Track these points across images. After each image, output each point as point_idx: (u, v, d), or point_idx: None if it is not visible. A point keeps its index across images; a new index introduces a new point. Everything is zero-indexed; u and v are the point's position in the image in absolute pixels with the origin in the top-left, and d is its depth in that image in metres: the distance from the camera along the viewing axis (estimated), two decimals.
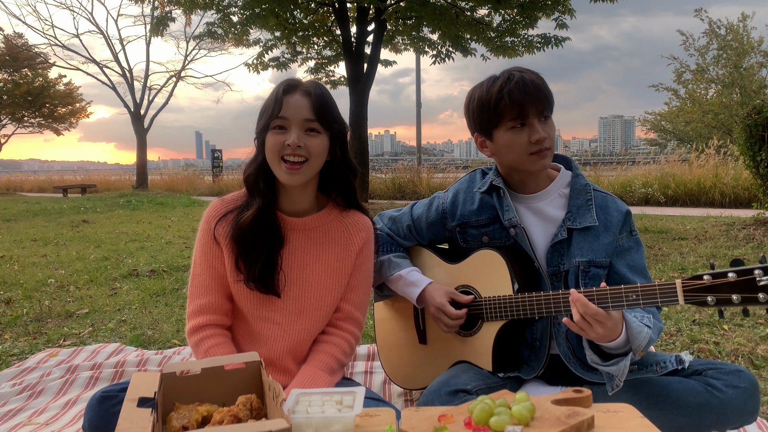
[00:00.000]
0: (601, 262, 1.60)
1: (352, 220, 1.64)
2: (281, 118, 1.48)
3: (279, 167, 1.49)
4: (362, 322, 1.66)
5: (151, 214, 10.82)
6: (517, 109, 1.54)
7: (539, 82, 1.56)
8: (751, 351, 2.58)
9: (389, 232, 1.91)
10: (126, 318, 3.57)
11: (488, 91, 1.58)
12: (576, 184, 1.66)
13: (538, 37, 11.05)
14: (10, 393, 2.30)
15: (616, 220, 1.62)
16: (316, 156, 1.50)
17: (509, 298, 1.59)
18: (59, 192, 19.07)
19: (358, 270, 1.63)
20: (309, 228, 1.60)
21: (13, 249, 6.63)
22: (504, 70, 1.62)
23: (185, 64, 22.45)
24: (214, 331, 1.54)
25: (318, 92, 1.50)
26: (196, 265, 1.59)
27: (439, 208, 1.81)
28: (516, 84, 1.54)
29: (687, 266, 4.53)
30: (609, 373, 1.47)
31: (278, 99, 1.48)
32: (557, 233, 1.62)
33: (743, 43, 22.01)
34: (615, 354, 1.47)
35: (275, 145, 1.48)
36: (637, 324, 1.44)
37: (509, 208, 1.65)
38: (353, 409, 1.05)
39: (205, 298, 1.55)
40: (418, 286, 1.74)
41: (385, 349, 2.00)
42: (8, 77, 22.17)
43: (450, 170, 17.12)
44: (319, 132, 1.50)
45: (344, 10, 10.85)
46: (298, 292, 1.57)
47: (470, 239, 1.75)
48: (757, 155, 5.96)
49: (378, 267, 1.82)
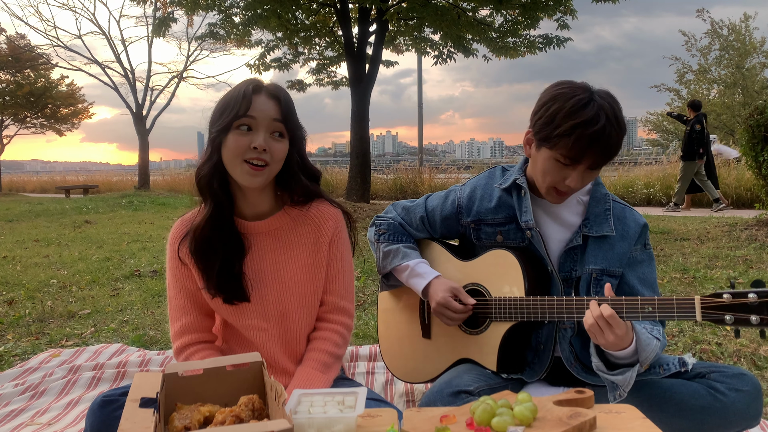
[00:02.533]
0: (614, 271, 1.60)
1: (317, 212, 1.59)
2: (249, 117, 1.41)
3: (240, 168, 1.43)
4: (351, 309, 1.64)
5: (153, 215, 10.83)
6: (574, 154, 1.46)
7: (618, 137, 1.45)
8: (754, 352, 2.57)
9: (402, 222, 1.88)
10: (128, 318, 3.58)
11: (566, 116, 1.45)
12: (596, 193, 1.65)
13: (540, 37, 11.04)
14: (12, 393, 2.31)
15: (633, 231, 1.62)
16: (278, 161, 1.46)
17: (521, 300, 1.58)
18: (61, 192, 19.10)
19: (334, 260, 1.60)
20: (273, 229, 1.56)
21: (15, 249, 6.65)
22: (597, 104, 1.44)
23: (187, 65, 22.42)
24: (199, 346, 1.54)
25: (285, 96, 1.47)
26: (170, 288, 1.58)
27: (455, 202, 1.78)
28: (595, 132, 1.42)
29: (689, 267, 4.53)
30: (613, 382, 1.45)
31: (247, 97, 1.41)
32: (572, 239, 1.61)
33: (745, 43, 21.97)
34: (621, 364, 1.45)
35: (239, 146, 1.40)
36: (646, 336, 1.43)
37: (527, 210, 1.63)
38: (355, 410, 1.05)
39: (184, 319, 1.55)
40: (425, 278, 1.73)
41: (387, 340, 1.98)
42: (11, 78, 22.20)
43: (452, 171, 17.12)
44: (283, 136, 1.46)
45: (346, 11, 10.85)
46: (277, 296, 1.55)
47: (484, 237, 1.73)
48: (759, 156, 5.95)
49: (387, 255, 1.81)
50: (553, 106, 1.48)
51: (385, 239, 1.86)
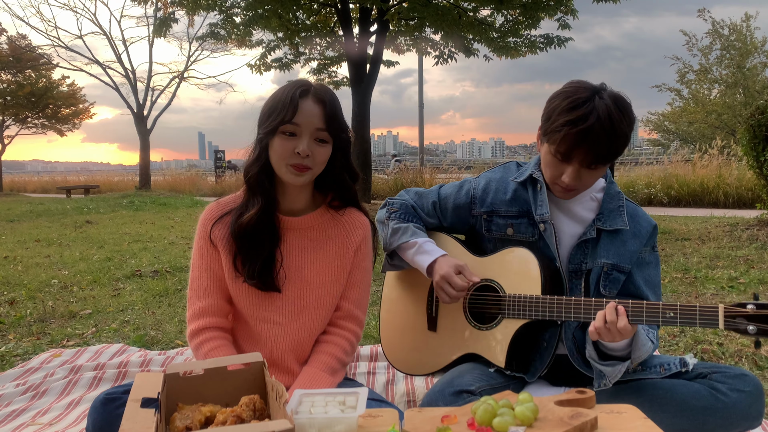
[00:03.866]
0: (624, 267, 1.61)
1: (349, 218, 1.63)
2: (293, 125, 1.45)
3: (284, 169, 1.49)
4: (362, 319, 1.66)
5: (154, 215, 10.84)
6: (563, 150, 1.49)
7: (608, 138, 1.44)
8: (755, 352, 2.57)
9: (414, 205, 1.88)
10: (129, 318, 3.58)
11: (559, 113, 1.48)
12: (610, 190, 1.67)
13: (541, 37, 11.03)
14: (13, 393, 2.31)
15: (645, 230, 1.64)
16: (320, 164, 1.50)
17: (536, 299, 1.58)
18: (63, 193, 19.12)
19: (356, 268, 1.63)
20: (306, 227, 1.60)
21: (16, 249, 6.65)
22: (593, 104, 1.44)
23: (188, 65, 22.52)
24: (214, 333, 1.54)
25: (330, 100, 1.49)
26: (194, 269, 1.60)
27: (470, 192, 1.79)
28: (581, 131, 1.43)
29: (690, 267, 4.52)
30: (602, 372, 1.49)
31: (294, 102, 1.44)
32: (586, 232, 1.63)
33: (746, 43, 21.93)
34: (611, 355, 1.48)
35: (284, 151, 1.46)
36: (644, 336, 1.44)
37: (543, 203, 1.65)
38: (356, 410, 1.05)
39: (205, 301, 1.56)
40: (432, 255, 1.72)
41: (389, 330, 1.96)
42: (12, 78, 22.22)
43: (453, 171, 17.12)
44: (326, 141, 1.49)
45: (347, 11, 10.85)
46: (297, 292, 1.57)
47: (495, 228, 1.73)
48: (760, 156, 5.94)
49: (395, 232, 1.81)
50: (554, 103, 1.52)
51: (396, 217, 1.85)
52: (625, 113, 1.47)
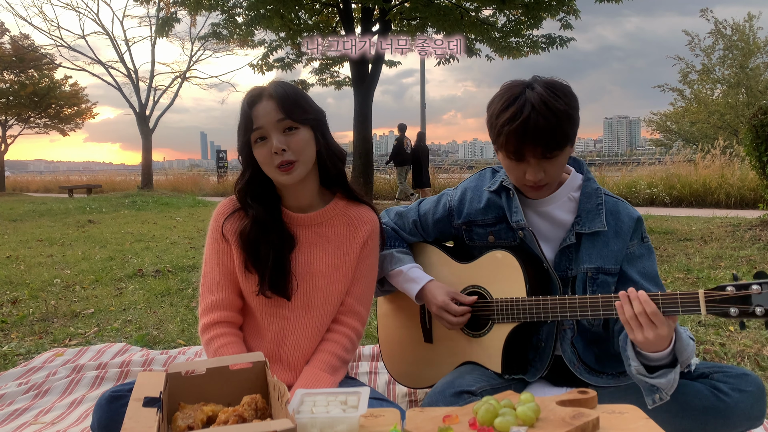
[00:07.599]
0: (610, 269, 1.58)
1: (356, 213, 1.64)
2: (257, 130, 1.47)
3: (274, 172, 1.50)
4: (365, 315, 1.66)
5: (156, 215, 10.85)
6: (512, 150, 1.49)
7: (548, 122, 1.42)
8: (758, 352, 2.57)
9: (395, 227, 1.89)
10: (131, 318, 3.58)
11: (496, 117, 1.50)
12: (587, 188, 1.63)
13: (543, 37, 11.03)
14: (16, 392, 2.31)
15: (627, 226, 1.60)
16: (301, 151, 1.49)
17: (522, 300, 1.57)
18: (65, 192, 19.15)
19: (362, 263, 1.64)
20: (315, 223, 1.61)
21: (19, 249, 6.67)
22: (525, 96, 1.45)
23: (190, 65, 22.52)
24: (224, 329, 1.55)
25: (280, 91, 1.49)
26: (207, 263, 1.61)
27: (447, 205, 1.79)
28: (519, 125, 1.44)
29: (692, 267, 4.51)
30: (653, 385, 1.38)
31: (246, 113, 1.48)
32: (566, 237, 1.60)
33: (749, 43, 21.88)
34: (658, 366, 1.39)
35: (264, 157, 1.48)
36: (686, 336, 1.39)
37: (517, 210, 1.63)
38: (358, 410, 1.05)
39: (217, 295, 1.57)
40: (418, 282, 1.73)
41: (388, 345, 1.98)
42: (14, 78, 22.27)
43: (455, 171, 17.10)
44: (296, 128, 1.49)
45: (349, 11, 10.86)
46: (306, 288, 1.58)
47: (476, 238, 1.74)
48: (763, 156, 5.93)
49: (380, 261, 1.81)
50: (491, 108, 1.54)
51: None
52: (561, 94, 1.46)
